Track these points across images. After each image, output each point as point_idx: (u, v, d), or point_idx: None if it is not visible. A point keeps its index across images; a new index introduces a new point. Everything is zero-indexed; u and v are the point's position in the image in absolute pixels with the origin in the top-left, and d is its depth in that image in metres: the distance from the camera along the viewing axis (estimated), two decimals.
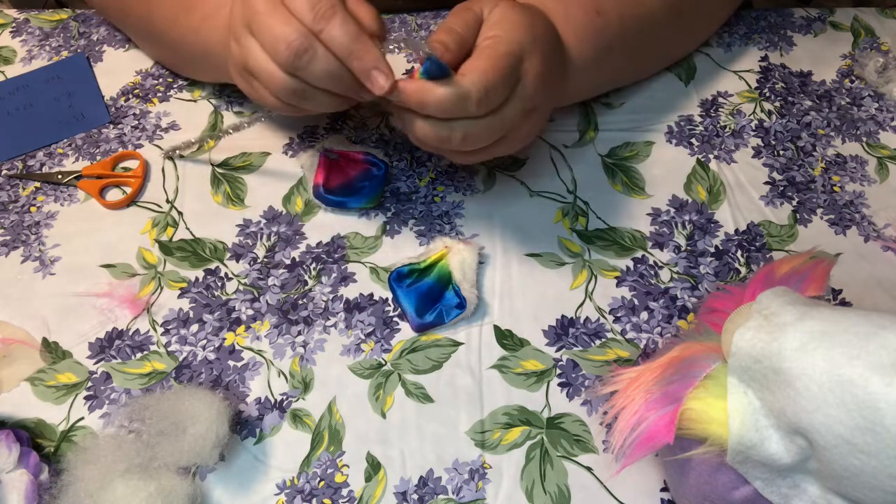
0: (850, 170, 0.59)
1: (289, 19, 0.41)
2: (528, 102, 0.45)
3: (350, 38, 0.41)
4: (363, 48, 0.41)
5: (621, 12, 0.54)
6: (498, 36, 0.44)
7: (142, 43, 0.64)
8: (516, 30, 0.44)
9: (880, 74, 0.63)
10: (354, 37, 0.41)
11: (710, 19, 0.65)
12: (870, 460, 0.31)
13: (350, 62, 0.41)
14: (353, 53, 0.41)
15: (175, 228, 0.55)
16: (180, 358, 0.49)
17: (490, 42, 0.44)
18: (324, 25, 0.41)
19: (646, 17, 0.56)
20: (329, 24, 0.41)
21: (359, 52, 0.41)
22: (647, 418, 0.38)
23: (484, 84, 0.42)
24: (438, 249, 0.52)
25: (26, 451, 0.43)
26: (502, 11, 0.45)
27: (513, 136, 0.47)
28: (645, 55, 0.61)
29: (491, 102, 0.43)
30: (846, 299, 0.52)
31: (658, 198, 0.57)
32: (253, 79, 0.45)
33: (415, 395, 0.48)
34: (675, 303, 0.52)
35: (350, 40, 0.41)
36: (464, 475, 0.45)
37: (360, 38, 0.41)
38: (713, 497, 0.38)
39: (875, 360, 0.31)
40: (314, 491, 0.45)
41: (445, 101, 0.42)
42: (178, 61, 0.62)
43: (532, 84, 0.45)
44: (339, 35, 0.41)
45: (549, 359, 0.49)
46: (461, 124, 0.43)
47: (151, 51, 0.64)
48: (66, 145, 0.60)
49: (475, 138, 0.44)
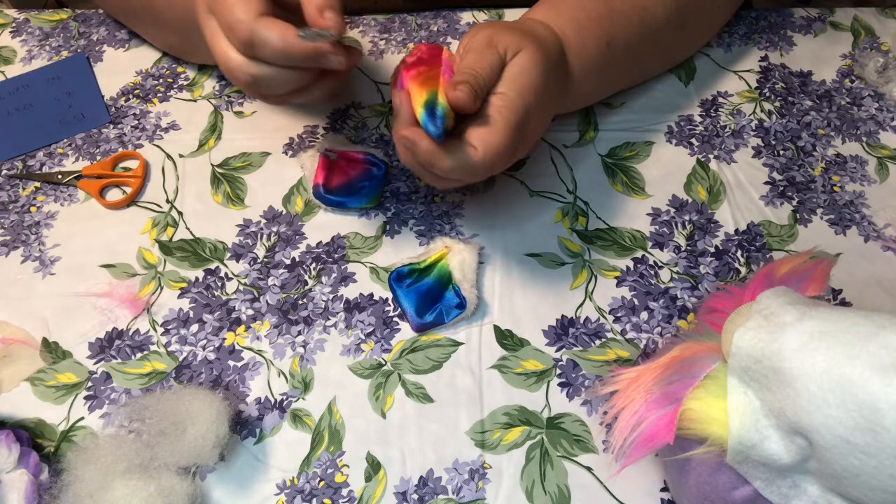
0: (850, 170, 0.59)
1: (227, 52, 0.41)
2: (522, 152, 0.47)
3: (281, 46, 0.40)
4: (297, 48, 0.40)
5: (629, 40, 0.54)
6: (512, 102, 0.43)
7: (149, 32, 0.64)
8: (528, 96, 0.44)
9: (880, 74, 0.63)
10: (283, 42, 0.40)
11: (711, 27, 0.65)
12: (870, 460, 0.31)
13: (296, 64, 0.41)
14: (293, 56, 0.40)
15: (175, 228, 0.55)
16: (180, 358, 0.49)
17: (503, 103, 0.43)
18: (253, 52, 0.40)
19: (650, 35, 0.56)
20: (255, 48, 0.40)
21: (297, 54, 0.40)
22: (647, 418, 0.38)
23: (493, 161, 0.42)
24: (438, 249, 0.52)
25: (26, 451, 0.43)
26: (523, 65, 0.44)
27: None
28: (646, 68, 0.62)
29: (496, 170, 0.44)
30: (846, 299, 0.52)
31: (658, 198, 0.57)
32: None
33: (415, 395, 0.48)
34: (675, 303, 0.52)
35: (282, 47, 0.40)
36: (464, 475, 0.45)
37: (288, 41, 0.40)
38: (713, 497, 0.38)
39: (875, 360, 0.31)
40: (314, 491, 0.45)
41: (453, 171, 0.42)
42: (184, 46, 0.61)
43: (530, 140, 0.47)
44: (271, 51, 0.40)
45: (549, 359, 0.49)
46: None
47: (158, 37, 0.63)
48: (66, 145, 0.60)
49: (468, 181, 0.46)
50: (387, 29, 0.67)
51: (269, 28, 0.40)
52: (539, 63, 0.45)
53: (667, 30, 0.57)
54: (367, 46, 0.66)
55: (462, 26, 0.67)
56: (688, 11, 0.58)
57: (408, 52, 0.65)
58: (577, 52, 0.51)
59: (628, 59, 0.56)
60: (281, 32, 0.40)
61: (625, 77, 0.60)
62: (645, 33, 0.55)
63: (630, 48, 0.55)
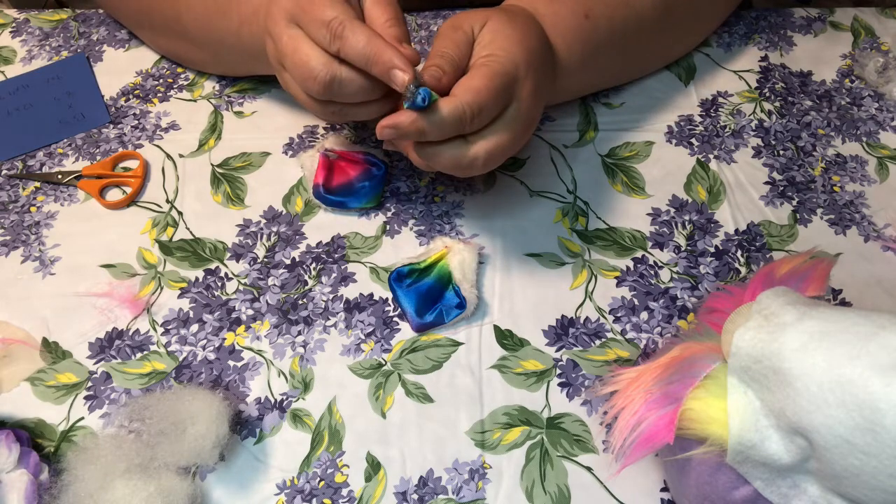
0: (850, 170, 0.59)
1: (310, 53, 0.43)
2: (526, 121, 0.46)
3: (363, 45, 0.42)
4: (377, 51, 0.42)
5: (610, 15, 0.54)
6: (493, 55, 0.44)
7: (168, 42, 0.63)
8: (510, 48, 0.45)
9: (880, 74, 0.63)
10: (367, 42, 0.42)
11: (704, 19, 0.64)
12: (870, 460, 0.31)
13: (371, 69, 0.42)
14: (370, 59, 0.42)
15: (175, 228, 0.55)
16: (180, 358, 0.49)
17: (485, 61, 0.44)
18: (340, 44, 0.42)
19: (634, 17, 0.55)
20: (343, 40, 0.42)
21: (375, 56, 0.42)
22: (647, 418, 0.38)
23: (478, 102, 0.42)
24: (438, 249, 0.52)
25: (26, 451, 0.43)
26: (494, 28, 0.45)
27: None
28: (635, 55, 0.61)
29: (483, 120, 0.43)
30: (846, 299, 0.52)
31: (658, 198, 0.57)
32: None
33: (415, 395, 0.48)
34: (675, 303, 0.52)
35: (364, 47, 0.42)
36: (464, 475, 0.45)
37: (371, 41, 0.42)
38: (713, 497, 0.38)
39: (875, 360, 0.31)
40: (314, 491, 0.45)
41: (437, 126, 0.43)
42: (214, 61, 0.61)
43: (527, 103, 0.45)
44: (353, 47, 0.42)
45: (549, 359, 0.49)
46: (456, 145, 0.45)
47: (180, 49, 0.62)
48: (66, 145, 0.60)
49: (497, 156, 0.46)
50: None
51: (361, 26, 0.42)
52: (508, 25, 0.46)
53: (651, 12, 0.56)
54: None
55: None
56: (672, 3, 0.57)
57: None
58: (553, 22, 0.51)
59: (613, 39, 0.55)
60: (371, 32, 0.42)
61: (616, 58, 0.58)
62: (628, 13, 0.55)
63: (612, 24, 0.54)
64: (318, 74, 0.43)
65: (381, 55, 0.42)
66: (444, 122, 0.42)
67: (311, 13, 0.43)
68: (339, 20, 0.42)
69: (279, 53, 0.45)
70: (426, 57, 0.45)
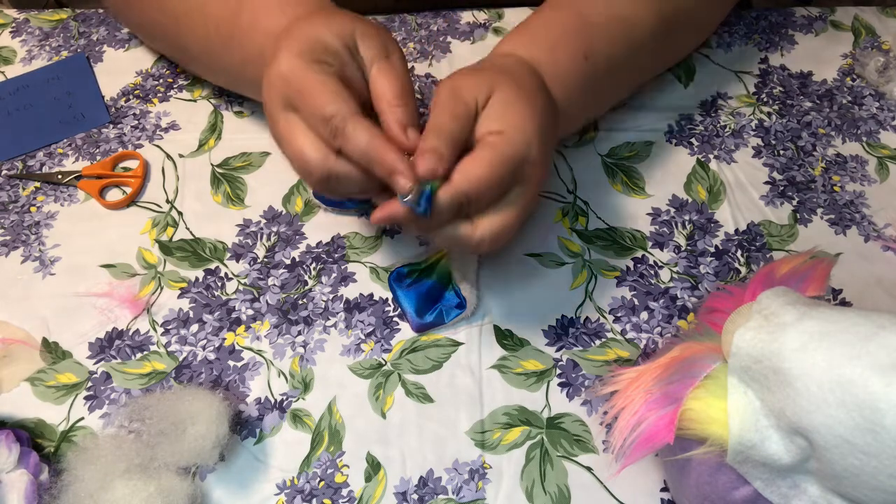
0: (851, 170, 0.59)
1: (306, 145, 0.41)
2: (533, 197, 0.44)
3: (365, 146, 0.39)
4: (379, 154, 0.39)
5: (609, 52, 0.51)
6: (504, 134, 0.41)
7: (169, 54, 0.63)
8: (524, 126, 0.42)
9: (881, 74, 0.63)
10: (368, 142, 0.39)
11: (701, 31, 0.63)
12: (870, 460, 0.31)
13: (372, 170, 0.40)
14: (372, 160, 0.40)
15: (175, 228, 0.55)
16: (180, 358, 0.49)
17: (495, 141, 0.41)
18: (342, 142, 0.40)
19: (635, 46, 0.53)
20: (345, 139, 0.40)
21: (377, 159, 0.39)
22: (647, 418, 0.38)
23: (478, 191, 0.40)
24: (438, 249, 0.52)
25: (26, 451, 0.43)
26: (504, 100, 0.42)
27: None
28: (635, 78, 0.59)
29: (482, 205, 0.41)
30: (846, 299, 0.52)
31: (658, 198, 0.57)
32: None
33: (415, 395, 0.48)
34: (675, 303, 0.52)
35: (366, 147, 0.39)
36: (464, 475, 0.45)
37: (373, 142, 0.39)
38: (713, 497, 0.38)
39: (875, 360, 0.31)
40: (314, 491, 0.45)
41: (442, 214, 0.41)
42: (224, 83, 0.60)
43: (535, 180, 0.43)
44: (356, 147, 0.40)
45: (549, 359, 0.49)
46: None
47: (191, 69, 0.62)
48: (66, 145, 0.60)
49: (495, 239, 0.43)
50: (387, 29, 0.67)
51: (363, 124, 0.40)
52: (519, 93, 0.43)
53: (651, 41, 0.54)
54: None
55: (462, 26, 0.67)
56: (673, 21, 0.55)
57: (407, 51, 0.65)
58: (554, 73, 0.48)
59: (613, 73, 0.52)
60: (373, 131, 0.40)
61: (615, 90, 0.57)
62: (628, 45, 0.52)
63: (613, 61, 0.51)
64: (315, 171, 0.41)
65: (383, 158, 0.39)
66: (440, 212, 0.40)
67: (310, 106, 0.40)
68: (341, 117, 0.40)
69: (275, 135, 0.43)
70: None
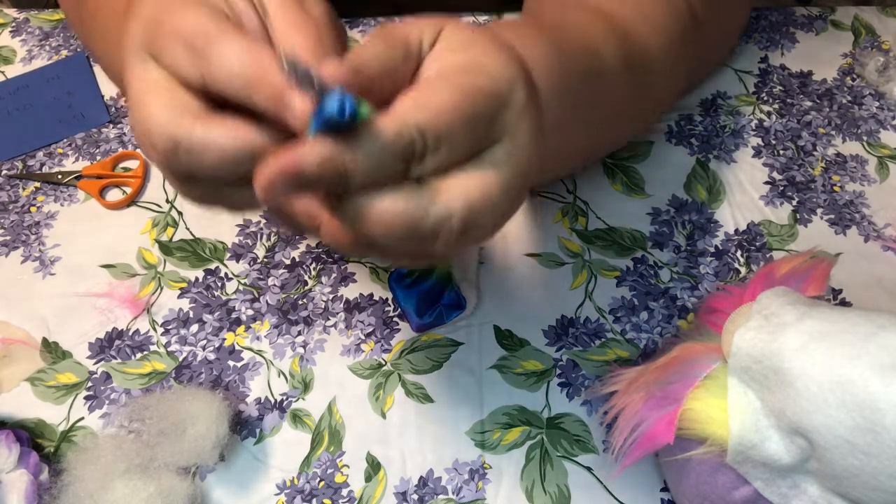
0: (851, 169, 0.59)
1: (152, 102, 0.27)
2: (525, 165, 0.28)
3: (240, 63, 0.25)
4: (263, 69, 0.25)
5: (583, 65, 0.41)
6: (473, 61, 0.27)
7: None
8: (496, 55, 0.28)
9: (881, 74, 0.63)
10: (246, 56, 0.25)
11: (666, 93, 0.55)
12: (870, 460, 0.31)
13: (253, 100, 0.25)
14: (250, 82, 0.25)
15: (175, 228, 0.55)
16: (180, 358, 0.49)
17: (461, 65, 0.27)
18: (204, 67, 0.26)
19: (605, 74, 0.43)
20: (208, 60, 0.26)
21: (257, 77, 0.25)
22: (647, 418, 0.38)
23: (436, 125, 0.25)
24: None
25: (26, 451, 0.43)
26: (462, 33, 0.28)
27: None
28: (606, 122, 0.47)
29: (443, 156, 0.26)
30: (846, 299, 0.52)
31: (658, 197, 0.57)
32: None
33: (415, 395, 0.48)
34: (675, 303, 0.52)
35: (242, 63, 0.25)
36: (464, 475, 0.45)
37: (255, 56, 0.25)
38: (713, 497, 0.38)
39: (875, 361, 0.31)
40: (314, 491, 0.45)
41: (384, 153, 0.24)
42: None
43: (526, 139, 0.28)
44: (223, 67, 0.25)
45: (549, 359, 0.49)
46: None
47: None
48: (66, 145, 0.60)
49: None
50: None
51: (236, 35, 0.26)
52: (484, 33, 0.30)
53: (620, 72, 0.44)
54: None
55: None
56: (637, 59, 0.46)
57: None
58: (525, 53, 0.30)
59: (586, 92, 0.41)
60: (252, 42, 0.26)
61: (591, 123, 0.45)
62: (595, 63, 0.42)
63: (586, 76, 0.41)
64: (158, 137, 0.26)
65: (267, 72, 0.25)
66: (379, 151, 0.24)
67: (166, 26, 0.27)
68: (205, 30, 0.26)
69: (128, 98, 0.29)
70: None
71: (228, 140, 0.25)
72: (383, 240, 0.26)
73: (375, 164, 0.24)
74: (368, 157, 0.24)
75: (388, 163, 0.24)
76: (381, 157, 0.24)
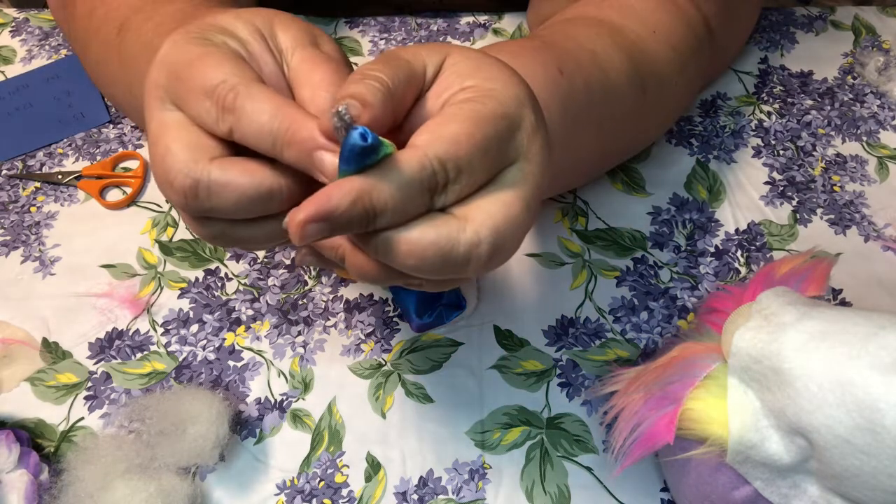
0: (851, 169, 0.59)
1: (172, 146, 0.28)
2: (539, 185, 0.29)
3: (271, 115, 0.26)
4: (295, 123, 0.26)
5: (586, 78, 0.43)
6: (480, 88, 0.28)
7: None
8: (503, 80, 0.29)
9: (881, 73, 0.63)
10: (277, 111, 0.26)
11: (671, 104, 0.55)
12: (870, 460, 0.31)
13: (283, 155, 0.26)
14: (280, 138, 0.26)
15: (175, 228, 0.55)
16: (180, 358, 0.49)
17: (469, 95, 0.28)
18: (232, 120, 0.27)
19: (611, 88, 0.45)
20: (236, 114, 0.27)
21: (288, 133, 0.26)
22: (647, 418, 0.38)
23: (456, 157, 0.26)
24: None
25: (26, 451, 0.43)
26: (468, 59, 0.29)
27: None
28: (612, 135, 0.49)
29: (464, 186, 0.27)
30: (846, 299, 0.52)
31: (658, 197, 0.57)
32: None
33: (415, 396, 0.48)
34: (675, 303, 0.52)
35: (271, 118, 0.26)
36: (464, 475, 0.45)
37: (284, 111, 0.26)
38: (713, 497, 0.38)
39: (875, 360, 0.31)
40: (314, 491, 0.45)
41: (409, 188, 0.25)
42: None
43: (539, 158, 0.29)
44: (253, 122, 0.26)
45: (549, 359, 0.49)
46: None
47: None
48: (66, 145, 0.60)
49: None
50: (387, 29, 0.67)
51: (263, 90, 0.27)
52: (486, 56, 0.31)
53: (626, 89, 0.46)
54: (367, 47, 0.66)
55: (462, 26, 0.67)
56: (644, 72, 0.47)
57: None
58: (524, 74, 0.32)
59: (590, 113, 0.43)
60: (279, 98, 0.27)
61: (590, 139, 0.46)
62: (603, 79, 0.44)
63: (590, 91, 0.43)
64: (176, 178, 0.27)
65: (298, 130, 0.26)
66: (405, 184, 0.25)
67: (190, 80, 0.27)
68: (230, 84, 0.27)
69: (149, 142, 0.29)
70: None
71: (246, 180, 0.27)
72: (415, 271, 0.27)
73: (404, 197, 0.25)
74: (397, 191, 0.25)
75: (415, 195, 0.25)
76: (408, 190, 0.25)
